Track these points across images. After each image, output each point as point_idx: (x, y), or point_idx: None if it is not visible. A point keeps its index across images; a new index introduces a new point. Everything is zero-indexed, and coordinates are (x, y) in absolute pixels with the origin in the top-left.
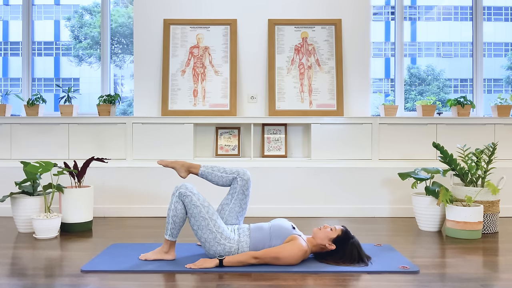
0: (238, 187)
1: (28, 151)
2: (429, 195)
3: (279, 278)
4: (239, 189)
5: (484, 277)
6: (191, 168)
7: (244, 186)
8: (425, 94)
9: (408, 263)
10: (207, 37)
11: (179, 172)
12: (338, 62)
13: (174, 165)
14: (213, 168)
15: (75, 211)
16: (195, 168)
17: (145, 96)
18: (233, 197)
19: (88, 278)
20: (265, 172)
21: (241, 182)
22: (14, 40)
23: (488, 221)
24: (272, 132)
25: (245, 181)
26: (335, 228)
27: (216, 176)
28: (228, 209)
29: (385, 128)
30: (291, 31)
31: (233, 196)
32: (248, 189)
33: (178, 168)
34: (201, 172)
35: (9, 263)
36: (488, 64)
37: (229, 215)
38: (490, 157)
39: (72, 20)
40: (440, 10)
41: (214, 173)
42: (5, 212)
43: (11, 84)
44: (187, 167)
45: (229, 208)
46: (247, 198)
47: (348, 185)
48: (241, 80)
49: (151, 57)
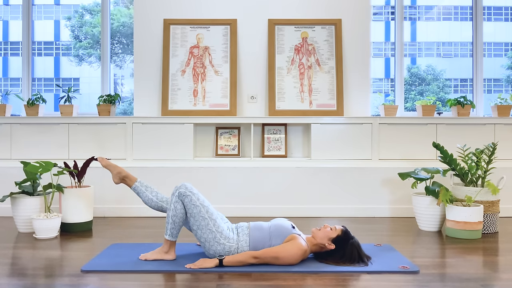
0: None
1: (28, 151)
2: (429, 195)
3: (279, 278)
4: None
5: (484, 277)
6: (126, 179)
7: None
8: (425, 94)
9: (408, 263)
10: (207, 37)
11: (113, 177)
12: (338, 62)
13: (111, 169)
14: (147, 188)
15: (75, 211)
16: (130, 181)
17: (145, 96)
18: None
19: (88, 278)
20: (265, 172)
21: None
22: (14, 40)
23: (488, 221)
24: (272, 132)
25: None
26: (335, 228)
27: (146, 197)
28: None
29: (385, 128)
30: (291, 31)
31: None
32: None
33: (114, 174)
34: (134, 187)
35: (9, 263)
36: (488, 64)
37: None
38: (490, 157)
39: (72, 20)
40: (440, 10)
41: (145, 193)
42: (5, 212)
43: (11, 84)
44: (123, 176)
45: None
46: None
47: (348, 185)
48: (241, 80)
49: (151, 57)
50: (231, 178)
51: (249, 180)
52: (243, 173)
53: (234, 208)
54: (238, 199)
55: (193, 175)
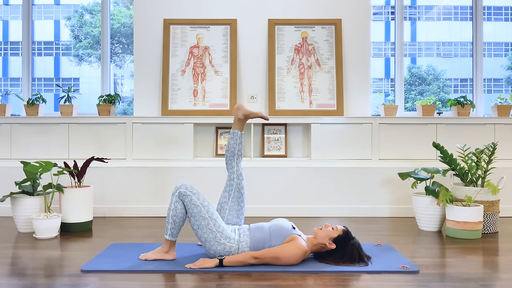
0: (235, 184)
1: (28, 151)
2: (429, 195)
3: (279, 278)
4: (235, 187)
5: (484, 277)
6: (251, 115)
7: (239, 184)
8: (425, 94)
9: (408, 263)
10: (207, 37)
11: (242, 113)
12: (338, 62)
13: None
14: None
15: (75, 211)
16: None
17: (145, 96)
18: (230, 195)
19: (88, 278)
20: (265, 172)
21: (237, 181)
22: (14, 40)
23: (488, 221)
24: (272, 132)
25: (240, 181)
26: (336, 227)
27: (235, 145)
28: (228, 207)
29: (385, 128)
30: (291, 31)
31: (230, 193)
32: (243, 188)
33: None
34: (241, 134)
35: (9, 263)
36: (488, 64)
37: (230, 214)
38: (490, 157)
39: (72, 20)
40: (440, 10)
41: (238, 141)
42: (5, 212)
43: (11, 84)
44: (247, 116)
45: (228, 206)
46: (243, 196)
47: (348, 185)
48: (241, 80)
49: (151, 57)
50: None
51: (249, 180)
52: None
53: None
54: None
55: (193, 175)
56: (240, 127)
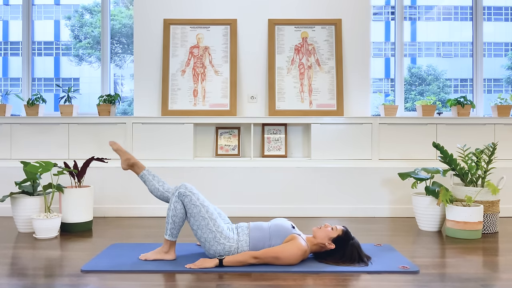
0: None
1: (28, 151)
2: (429, 195)
3: (279, 278)
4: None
5: (484, 277)
6: (135, 166)
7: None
8: (425, 94)
9: (408, 263)
10: (207, 37)
11: (122, 163)
12: (338, 62)
13: (121, 154)
14: (154, 177)
15: (75, 211)
16: (138, 168)
17: (145, 96)
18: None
19: (88, 278)
20: (265, 172)
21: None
22: (14, 40)
23: (488, 221)
24: (272, 132)
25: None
26: (336, 227)
27: (153, 186)
28: None
29: (385, 128)
30: (291, 31)
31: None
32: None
33: (123, 159)
34: (142, 174)
35: (9, 263)
36: (488, 64)
37: None
38: (490, 157)
39: (72, 20)
40: (440, 10)
41: (152, 181)
42: (5, 212)
43: (11, 84)
44: (132, 163)
45: None
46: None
47: (348, 185)
48: (241, 80)
49: (151, 57)
50: (231, 178)
51: (249, 180)
52: (243, 173)
53: (234, 208)
54: (238, 199)
55: (193, 175)
56: (136, 171)
